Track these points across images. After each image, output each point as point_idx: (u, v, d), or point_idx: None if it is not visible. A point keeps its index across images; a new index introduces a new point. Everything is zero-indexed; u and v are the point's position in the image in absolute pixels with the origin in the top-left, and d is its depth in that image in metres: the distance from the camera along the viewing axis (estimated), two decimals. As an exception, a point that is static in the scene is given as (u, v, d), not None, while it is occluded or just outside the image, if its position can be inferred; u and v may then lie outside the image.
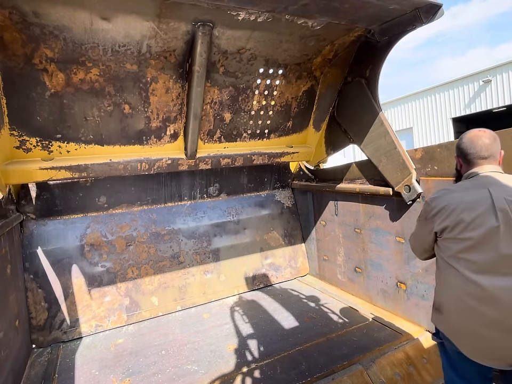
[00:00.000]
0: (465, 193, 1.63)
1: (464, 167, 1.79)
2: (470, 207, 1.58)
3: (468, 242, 1.57)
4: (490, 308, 1.52)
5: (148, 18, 2.37)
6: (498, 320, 1.52)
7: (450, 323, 1.68)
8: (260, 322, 3.38)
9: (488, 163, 1.68)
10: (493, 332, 1.53)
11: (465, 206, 1.59)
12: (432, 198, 1.73)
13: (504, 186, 1.59)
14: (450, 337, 1.68)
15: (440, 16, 2.42)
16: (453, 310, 1.66)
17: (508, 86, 15.64)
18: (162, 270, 3.83)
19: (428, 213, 1.73)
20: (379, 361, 2.59)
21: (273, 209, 4.63)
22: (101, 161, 3.04)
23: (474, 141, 1.70)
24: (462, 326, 1.62)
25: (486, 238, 1.54)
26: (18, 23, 2.20)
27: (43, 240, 3.38)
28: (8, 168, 2.70)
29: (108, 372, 2.74)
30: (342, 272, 4.01)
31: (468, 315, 1.59)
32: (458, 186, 1.73)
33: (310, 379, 2.44)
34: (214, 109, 3.33)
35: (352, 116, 3.44)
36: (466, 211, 1.58)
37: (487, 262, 1.54)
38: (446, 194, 1.69)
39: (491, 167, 1.68)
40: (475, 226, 1.55)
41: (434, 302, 1.80)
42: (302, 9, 2.36)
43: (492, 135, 1.71)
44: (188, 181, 4.12)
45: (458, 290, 1.61)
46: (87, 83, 2.72)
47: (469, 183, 1.69)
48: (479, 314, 1.55)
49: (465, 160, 1.75)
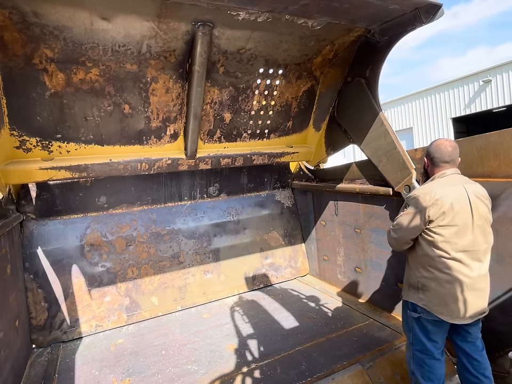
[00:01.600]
0: (448, 189, 2.03)
1: (430, 167, 2.24)
2: (456, 199, 2.00)
3: (455, 228, 1.99)
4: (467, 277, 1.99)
5: (148, 18, 2.37)
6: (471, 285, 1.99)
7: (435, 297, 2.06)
8: (260, 322, 3.38)
9: (450, 166, 2.14)
10: (468, 294, 1.99)
11: (453, 198, 1.99)
12: (423, 192, 2.07)
13: (470, 184, 2.09)
14: (431, 309, 2.07)
15: (440, 16, 2.42)
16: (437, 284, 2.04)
17: (508, 86, 15.64)
18: (162, 270, 3.83)
19: (421, 204, 2.04)
20: (379, 361, 2.60)
21: (273, 209, 4.63)
22: (101, 161, 3.04)
23: (440, 147, 2.15)
24: (447, 296, 2.02)
25: (465, 225, 2.00)
26: (18, 23, 2.20)
27: (43, 240, 3.38)
28: (8, 168, 2.70)
29: (108, 372, 2.74)
30: (342, 272, 4.01)
31: (454, 286, 2.00)
32: (438, 183, 2.12)
33: (310, 379, 2.44)
34: (214, 109, 3.33)
35: (352, 116, 3.44)
36: (454, 202, 1.99)
37: (466, 244, 1.99)
38: (434, 189, 2.05)
39: (454, 170, 2.14)
40: (460, 215, 1.99)
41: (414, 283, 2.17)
42: (302, 9, 2.36)
43: (454, 144, 2.16)
44: (188, 181, 4.12)
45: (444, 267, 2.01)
46: (87, 83, 2.72)
47: (444, 181, 2.10)
48: (461, 284, 1.99)
49: (431, 161, 2.20)
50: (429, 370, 2.14)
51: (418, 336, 2.18)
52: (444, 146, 2.14)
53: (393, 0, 2.29)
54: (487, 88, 16.46)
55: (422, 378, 2.16)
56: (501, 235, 2.28)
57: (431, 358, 2.14)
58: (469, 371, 2.15)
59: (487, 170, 2.35)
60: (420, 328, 2.18)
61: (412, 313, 2.20)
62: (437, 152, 2.15)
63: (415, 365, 2.21)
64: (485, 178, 2.34)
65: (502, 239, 2.29)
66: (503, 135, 2.24)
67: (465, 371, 2.19)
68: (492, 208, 2.21)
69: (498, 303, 2.35)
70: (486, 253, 2.08)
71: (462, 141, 2.50)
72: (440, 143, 2.17)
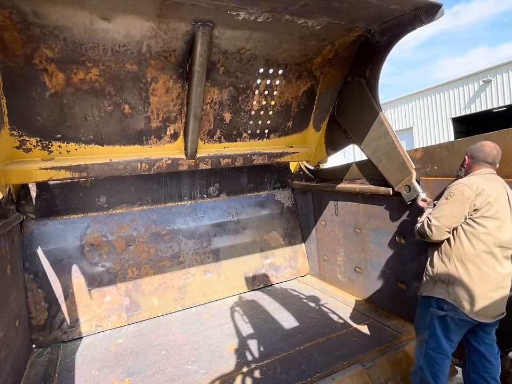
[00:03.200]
0: (491, 183, 2.08)
1: (470, 165, 2.24)
2: (498, 195, 2.04)
3: (498, 221, 2.02)
4: (498, 275, 2.01)
5: (148, 18, 2.37)
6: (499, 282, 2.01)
7: (467, 292, 2.03)
8: (260, 322, 3.38)
9: (491, 167, 2.18)
10: (495, 292, 2.00)
11: (497, 193, 2.04)
12: (470, 182, 2.10)
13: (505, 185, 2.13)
14: (460, 304, 2.04)
15: (440, 16, 2.42)
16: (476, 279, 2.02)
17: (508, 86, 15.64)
18: (162, 270, 3.83)
19: (468, 193, 2.05)
20: (379, 361, 2.60)
21: (273, 209, 4.63)
22: (101, 161, 3.04)
23: (486, 148, 2.17)
24: (478, 293, 2.00)
25: (506, 220, 2.03)
26: (18, 23, 2.20)
27: (43, 240, 3.38)
28: (8, 168, 2.70)
29: (108, 372, 2.74)
30: (342, 272, 4.01)
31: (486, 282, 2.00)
32: (480, 177, 2.13)
33: (310, 379, 2.44)
34: (214, 109, 3.33)
35: (352, 116, 3.44)
36: (498, 196, 2.03)
37: (505, 239, 2.02)
38: (479, 181, 2.08)
39: (492, 170, 2.18)
40: (503, 209, 2.03)
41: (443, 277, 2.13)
42: (302, 9, 2.36)
43: (499, 149, 2.17)
44: (188, 181, 4.12)
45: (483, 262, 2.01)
46: (87, 83, 2.72)
47: (485, 177, 2.12)
48: (492, 281, 2.00)
49: (473, 159, 2.21)
50: (439, 369, 2.15)
51: (436, 334, 2.16)
52: (490, 148, 2.16)
53: (393, 0, 2.29)
54: (487, 88, 16.46)
55: (431, 377, 2.16)
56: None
57: (445, 357, 2.15)
58: (479, 374, 2.12)
59: (487, 170, 2.35)
60: (441, 327, 2.15)
61: (438, 311, 2.15)
62: (481, 152, 2.17)
63: (425, 362, 2.20)
64: None
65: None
66: (503, 135, 2.24)
67: (473, 372, 2.15)
68: None
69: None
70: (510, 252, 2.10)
71: (462, 141, 2.50)
72: (487, 144, 2.18)
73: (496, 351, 2.17)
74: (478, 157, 2.17)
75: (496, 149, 2.16)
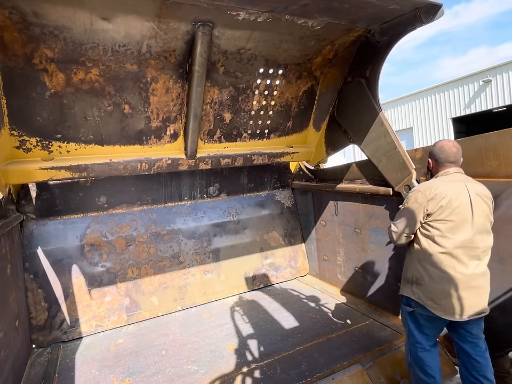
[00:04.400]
0: (449, 185, 2.10)
1: (434, 167, 2.29)
2: (455, 196, 2.05)
3: (452, 223, 2.04)
4: (461, 274, 2.03)
5: (148, 18, 2.37)
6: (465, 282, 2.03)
7: (429, 291, 2.11)
8: (260, 322, 3.38)
9: (454, 166, 2.20)
10: (462, 292, 2.03)
11: (452, 195, 2.05)
12: (424, 188, 2.16)
13: (473, 183, 2.13)
14: (425, 303, 2.13)
15: (440, 16, 2.42)
16: (431, 279, 2.10)
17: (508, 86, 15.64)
18: (162, 270, 3.83)
19: (421, 199, 2.12)
20: (379, 361, 2.60)
21: (273, 209, 4.63)
22: (101, 161, 3.04)
23: (445, 148, 2.21)
24: (440, 292, 2.07)
25: (463, 221, 2.04)
26: (18, 23, 2.20)
27: (43, 240, 3.38)
28: (8, 168, 2.70)
29: (108, 372, 2.74)
30: (342, 272, 4.01)
31: (447, 282, 2.05)
32: (439, 180, 2.19)
33: (310, 379, 2.44)
34: (214, 109, 3.33)
35: (352, 116, 3.43)
36: (453, 198, 2.04)
37: (462, 240, 2.03)
38: (435, 185, 2.13)
39: (457, 169, 2.20)
40: (458, 211, 2.03)
41: (409, 277, 2.24)
42: (302, 9, 2.36)
43: (458, 145, 2.22)
44: (188, 181, 4.12)
45: (440, 262, 2.06)
46: (87, 83, 2.72)
47: (446, 178, 2.17)
48: (454, 280, 2.03)
49: (436, 162, 2.26)
50: (423, 362, 2.19)
51: (410, 329, 2.27)
52: (449, 147, 2.20)
53: (393, 0, 2.29)
54: (487, 88, 16.46)
55: (419, 371, 2.21)
56: (501, 235, 2.29)
57: (423, 350, 2.20)
58: (469, 372, 2.15)
59: (487, 170, 2.35)
60: (412, 321, 2.26)
61: (406, 307, 2.27)
62: (442, 153, 2.21)
63: (411, 357, 2.27)
64: (485, 178, 2.34)
65: (502, 239, 2.29)
66: (503, 135, 2.24)
67: (466, 372, 2.19)
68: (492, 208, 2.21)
69: (498, 303, 2.36)
70: (486, 252, 2.10)
71: (462, 141, 2.50)
72: (445, 144, 2.23)
73: (482, 349, 2.16)
74: (440, 158, 2.22)
75: (455, 147, 2.20)
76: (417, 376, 2.23)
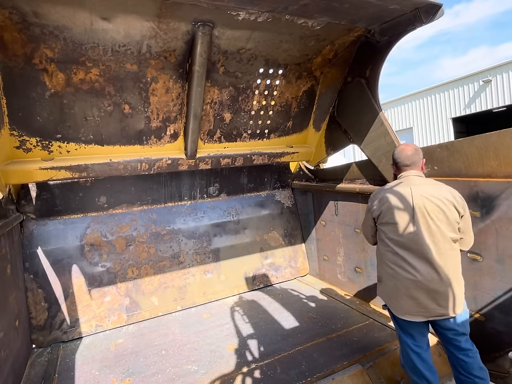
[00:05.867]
0: (393, 190, 2.18)
1: (396, 172, 2.34)
2: (396, 200, 2.11)
3: (393, 226, 2.11)
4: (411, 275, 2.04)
5: (148, 18, 2.37)
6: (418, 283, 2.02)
7: (385, 290, 2.22)
8: (260, 322, 3.38)
9: (410, 169, 2.22)
10: (415, 292, 2.04)
11: (394, 199, 2.12)
12: (373, 193, 2.31)
13: (421, 186, 2.13)
14: (386, 301, 2.22)
15: (440, 16, 2.42)
16: (387, 278, 2.18)
17: (508, 86, 15.64)
18: (162, 270, 3.83)
19: (369, 204, 2.30)
20: (379, 361, 2.59)
21: (273, 209, 4.63)
22: (101, 161, 3.04)
23: (401, 153, 2.26)
24: (392, 290, 2.15)
25: (405, 223, 2.07)
26: (18, 23, 2.20)
27: (43, 240, 3.38)
28: (8, 168, 2.70)
29: (108, 372, 2.74)
30: (342, 272, 4.01)
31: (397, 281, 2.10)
32: (389, 185, 2.28)
33: (310, 379, 2.44)
34: (214, 109, 3.33)
35: (352, 116, 3.44)
36: (394, 203, 2.11)
37: (407, 241, 2.06)
38: (381, 191, 2.26)
39: (414, 172, 2.21)
40: (400, 214, 2.08)
41: (377, 276, 2.33)
42: (302, 9, 2.36)
43: (413, 148, 2.26)
44: (188, 181, 4.12)
45: (390, 262, 2.14)
46: (87, 83, 2.72)
47: (396, 182, 2.24)
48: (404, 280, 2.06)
49: (396, 167, 2.31)
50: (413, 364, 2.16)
51: (396, 329, 2.30)
52: (404, 151, 2.25)
53: (393, 0, 2.29)
54: (487, 88, 16.46)
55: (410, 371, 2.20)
56: (501, 235, 2.28)
57: (410, 350, 2.18)
58: (458, 371, 2.16)
59: (487, 170, 2.34)
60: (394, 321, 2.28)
61: (385, 307, 2.30)
62: (398, 157, 2.26)
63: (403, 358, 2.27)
64: (485, 178, 2.34)
65: (502, 239, 2.28)
66: (503, 135, 2.24)
67: (455, 371, 2.19)
68: (492, 208, 2.21)
69: (498, 303, 2.35)
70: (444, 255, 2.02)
71: (462, 141, 2.50)
72: (401, 149, 2.28)
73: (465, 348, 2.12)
74: (398, 162, 2.27)
75: (410, 150, 2.23)
76: (410, 378, 2.22)
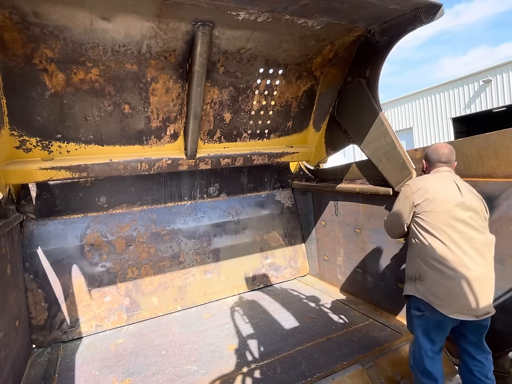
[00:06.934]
0: (436, 180, 2.20)
1: (427, 168, 2.37)
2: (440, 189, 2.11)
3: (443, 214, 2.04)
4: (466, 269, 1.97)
5: (148, 18, 2.37)
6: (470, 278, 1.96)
7: (432, 287, 2.06)
8: (260, 322, 3.38)
9: (445, 166, 2.26)
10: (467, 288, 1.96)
11: (438, 188, 2.12)
12: (412, 182, 2.31)
13: (460, 180, 2.19)
14: (429, 299, 2.06)
15: (440, 16, 2.42)
16: (432, 274, 2.05)
17: (508, 86, 15.64)
18: (162, 270, 3.83)
19: (408, 191, 2.22)
20: (379, 361, 2.59)
21: (273, 209, 4.63)
22: (101, 161, 3.04)
23: (438, 150, 2.30)
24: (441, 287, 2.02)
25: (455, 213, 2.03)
26: (18, 23, 2.20)
27: (43, 240, 3.38)
28: (8, 168, 2.70)
29: (108, 372, 2.74)
30: (342, 272, 4.01)
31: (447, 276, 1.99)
32: (428, 176, 2.30)
33: (310, 379, 2.44)
34: (214, 109, 3.33)
35: (352, 116, 3.43)
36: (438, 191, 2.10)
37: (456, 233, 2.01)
38: (422, 180, 2.25)
39: (448, 169, 2.26)
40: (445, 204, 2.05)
41: (411, 274, 2.21)
42: (302, 9, 2.36)
43: (450, 148, 2.29)
44: (188, 181, 4.12)
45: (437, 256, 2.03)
46: (87, 83, 2.72)
47: (435, 175, 2.25)
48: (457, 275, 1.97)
49: (429, 163, 2.34)
50: (425, 369, 2.16)
51: (417, 334, 2.21)
52: (441, 149, 2.29)
53: (393, 0, 2.29)
54: (487, 88, 16.46)
55: (421, 376, 2.19)
56: (501, 235, 2.28)
57: (426, 356, 2.16)
58: (472, 373, 2.14)
59: (487, 170, 2.35)
60: (420, 326, 2.18)
61: (415, 312, 2.18)
62: (435, 154, 2.30)
63: (414, 361, 2.24)
64: (485, 178, 2.35)
65: (502, 239, 2.28)
66: (503, 135, 2.24)
67: (467, 372, 2.18)
68: (492, 208, 2.21)
69: (499, 303, 2.35)
70: (487, 248, 2.05)
71: (462, 141, 2.50)
72: (438, 146, 2.32)
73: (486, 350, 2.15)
74: (433, 159, 2.30)
75: (447, 148, 2.29)
76: (419, 379, 2.21)
